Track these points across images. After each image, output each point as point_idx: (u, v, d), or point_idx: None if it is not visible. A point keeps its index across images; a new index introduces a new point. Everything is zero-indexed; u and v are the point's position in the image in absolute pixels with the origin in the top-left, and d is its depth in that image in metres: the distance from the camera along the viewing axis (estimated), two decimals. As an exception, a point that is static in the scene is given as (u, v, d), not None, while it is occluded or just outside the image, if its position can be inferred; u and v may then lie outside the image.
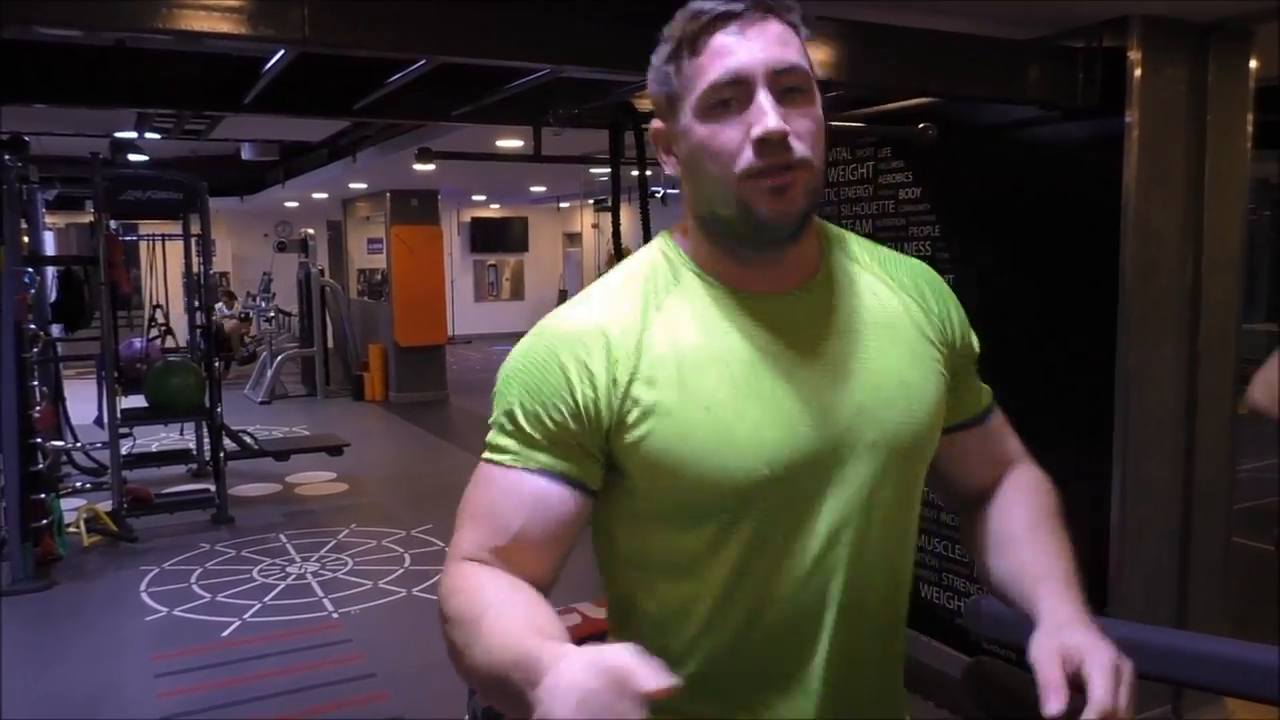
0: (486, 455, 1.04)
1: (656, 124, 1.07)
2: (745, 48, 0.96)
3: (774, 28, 0.98)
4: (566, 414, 0.99)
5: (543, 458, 1.00)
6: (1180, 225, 3.02)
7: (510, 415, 1.02)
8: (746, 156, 0.96)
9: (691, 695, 1.02)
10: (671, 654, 1.02)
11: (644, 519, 1.04)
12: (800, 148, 0.97)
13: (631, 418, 0.99)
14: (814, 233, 1.09)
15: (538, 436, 1.00)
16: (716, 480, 0.98)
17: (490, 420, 1.05)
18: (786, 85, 0.97)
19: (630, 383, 0.99)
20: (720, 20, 0.97)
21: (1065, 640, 0.94)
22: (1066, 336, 3.10)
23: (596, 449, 1.01)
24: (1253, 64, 3.07)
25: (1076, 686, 0.91)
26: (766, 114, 0.95)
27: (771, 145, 0.95)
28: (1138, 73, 2.87)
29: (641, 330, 1.01)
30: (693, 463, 0.98)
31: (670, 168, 1.07)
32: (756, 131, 0.95)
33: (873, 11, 2.62)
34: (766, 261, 1.04)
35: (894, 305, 1.10)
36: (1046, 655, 0.93)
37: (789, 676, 1.04)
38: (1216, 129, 3.03)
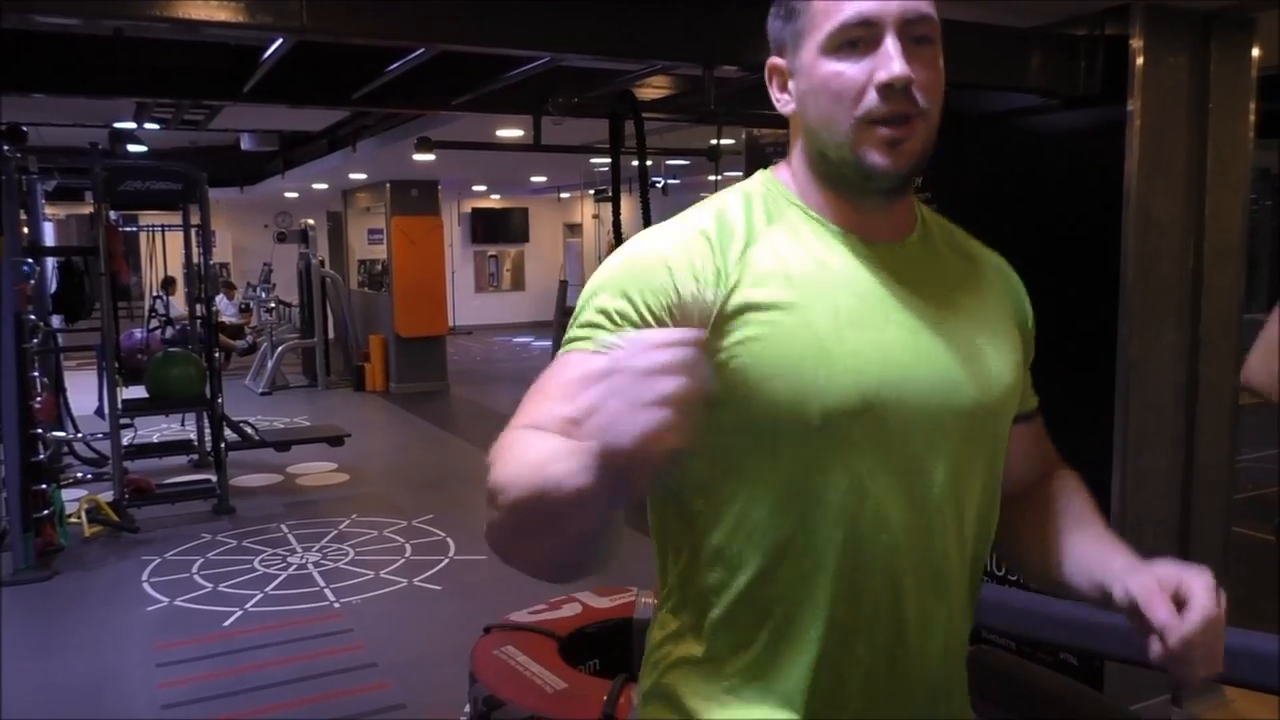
0: (567, 345, 0.99)
1: (774, 60, 1.05)
2: None
3: None
4: (665, 306, 0.95)
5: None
6: (1182, 214, 3.01)
7: (600, 306, 0.98)
8: (870, 99, 0.95)
9: (758, 628, 1.00)
10: (733, 588, 1.00)
11: (726, 434, 0.97)
12: (923, 99, 0.96)
13: (733, 321, 0.96)
14: (910, 196, 1.09)
15: (630, 324, 0.95)
16: (807, 398, 0.95)
17: (575, 313, 1.01)
18: (916, 34, 0.96)
19: (735, 287, 0.97)
20: None
21: (1160, 570, 0.94)
22: (1068, 325, 3.10)
23: None
24: (1255, 52, 3.06)
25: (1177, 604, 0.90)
26: (894, 59, 0.94)
27: (896, 92, 0.94)
28: (1140, 61, 2.86)
29: (746, 245, 1.00)
30: (788, 375, 0.95)
31: (783, 106, 1.05)
32: (882, 76, 0.94)
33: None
34: (869, 209, 1.03)
35: (982, 280, 1.12)
36: (1142, 580, 0.94)
37: (869, 621, 1.00)
38: (1218, 117, 3.02)
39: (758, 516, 0.99)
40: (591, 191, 13.78)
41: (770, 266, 0.99)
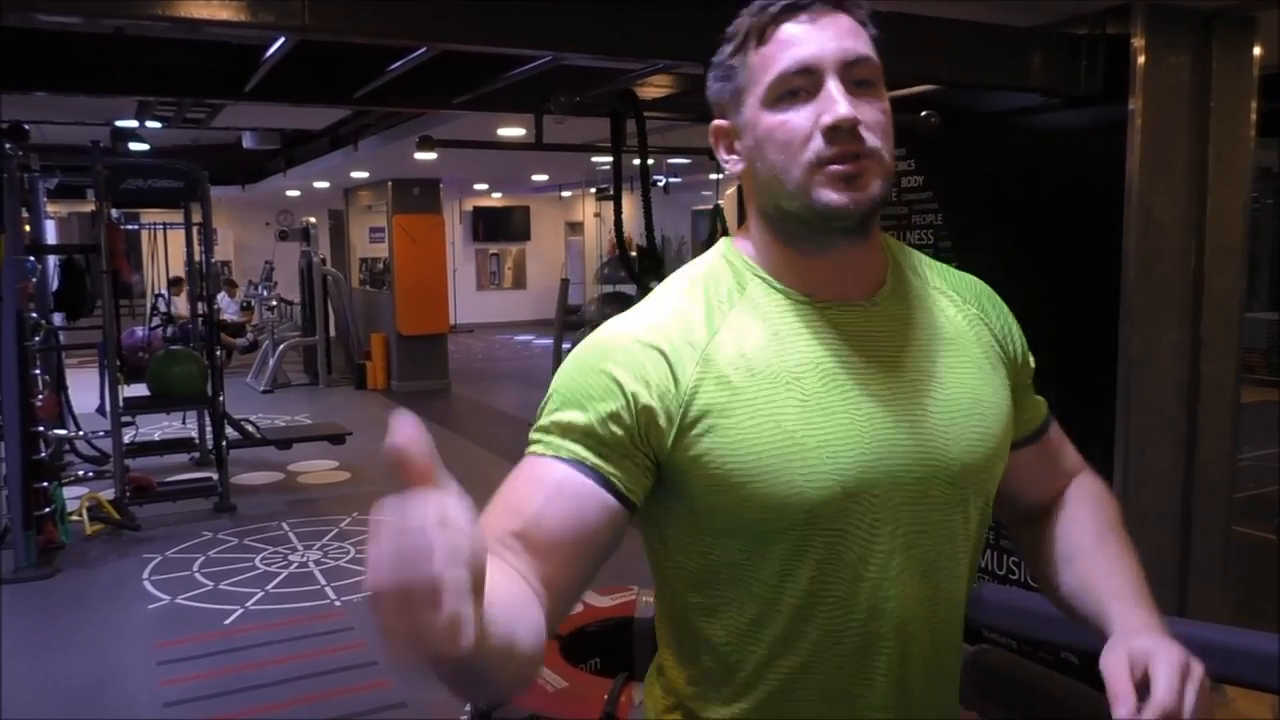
0: (528, 449, 0.99)
1: (717, 122, 1.05)
2: (815, 37, 0.94)
3: (844, 20, 0.96)
4: (609, 413, 0.95)
5: (575, 448, 0.95)
6: (1183, 213, 3.01)
7: (552, 415, 0.97)
8: (816, 144, 0.94)
9: (759, 717, 1.01)
10: (738, 679, 1.01)
11: (710, 538, 0.99)
12: (871, 138, 0.94)
13: (695, 428, 0.95)
14: (879, 242, 1.06)
15: (575, 430, 0.95)
16: (786, 497, 0.94)
17: (539, 417, 1.00)
18: (857, 78, 0.95)
19: (695, 392, 0.95)
20: (788, 11, 0.96)
21: (1133, 645, 0.93)
22: (1068, 324, 3.10)
23: (644, 458, 0.96)
24: (1256, 51, 3.06)
25: (1146, 689, 0.89)
26: (837, 101, 0.93)
27: (842, 134, 0.93)
28: (1141, 60, 2.86)
29: (708, 340, 0.98)
30: (761, 478, 0.94)
31: (731, 166, 1.04)
32: (826, 120, 0.93)
33: (874, -1, 2.61)
34: (834, 260, 1.01)
35: (960, 321, 1.08)
36: (1115, 660, 0.92)
37: (860, 696, 1.01)
38: (1220, 117, 3.01)
39: (753, 610, 0.99)
40: (593, 190, 13.77)
41: (733, 362, 0.97)
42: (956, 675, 1.10)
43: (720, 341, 0.98)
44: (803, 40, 0.94)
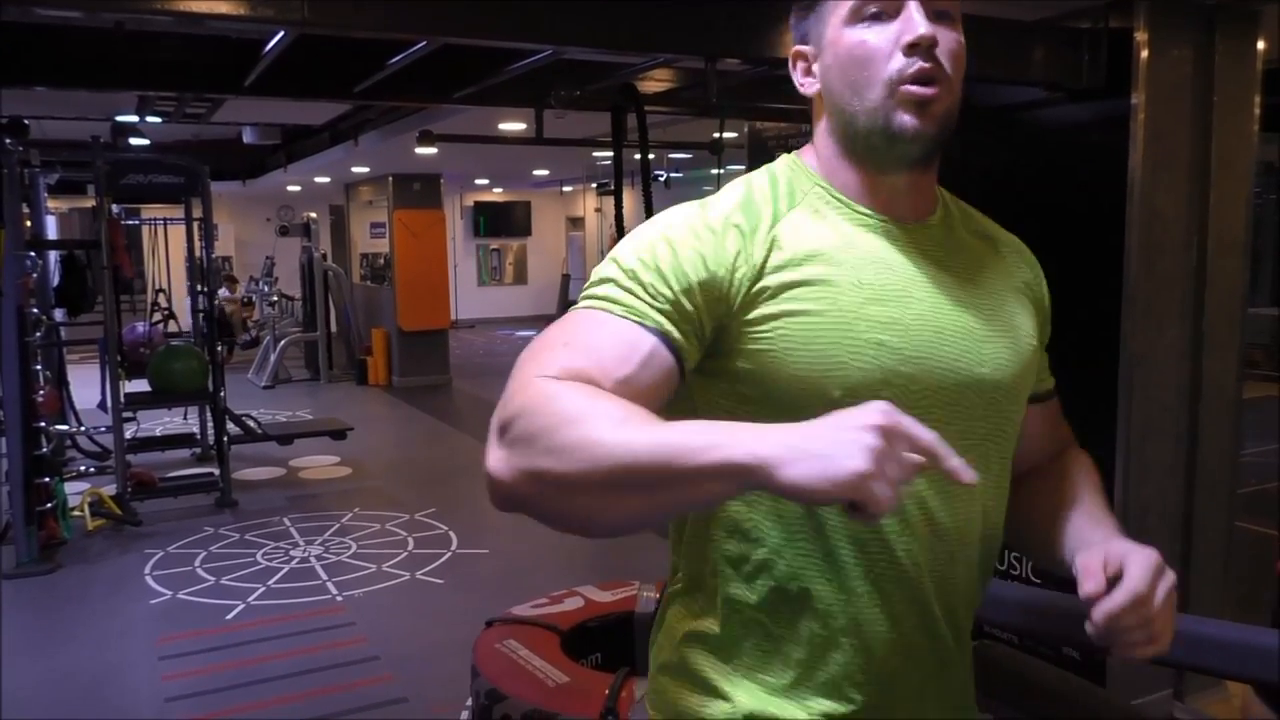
0: (592, 301, 0.97)
1: (798, 46, 1.08)
2: None
3: None
4: (695, 283, 0.96)
5: (662, 320, 0.94)
6: (1185, 208, 3.00)
7: (630, 270, 0.97)
8: (896, 62, 0.97)
9: (774, 606, 1.00)
10: (757, 558, 1.01)
11: (747, 408, 0.98)
12: (947, 64, 0.98)
13: (759, 301, 0.97)
14: (934, 178, 1.11)
15: (661, 297, 0.95)
16: (828, 372, 0.96)
17: (596, 278, 0.99)
18: (938, 9, 0.99)
19: (762, 266, 0.98)
20: None
21: (1110, 547, 0.97)
22: (1071, 319, 3.08)
23: (708, 329, 0.97)
24: (1260, 45, 3.05)
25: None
26: (918, 23, 0.96)
27: (921, 50, 0.97)
28: (1144, 54, 2.85)
29: (773, 224, 1.01)
30: (812, 349, 0.96)
31: (807, 89, 1.07)
32: (907, 37, 0.96)
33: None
34: (892, 185, 1.05)
35: (1002, 262, 1.14)
36: (1091, 554, 0.96)
37: (883, 589, 1.00)
38: (1223, 111, 3.01)
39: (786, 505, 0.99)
40: (594, 185, 13.77)
41: (795, 246, 1.00)
42: (977, 597, 1.10)
43: (784, 229, 1.01)
44: None
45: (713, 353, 0.99)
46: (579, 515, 0.88)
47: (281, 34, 2.59)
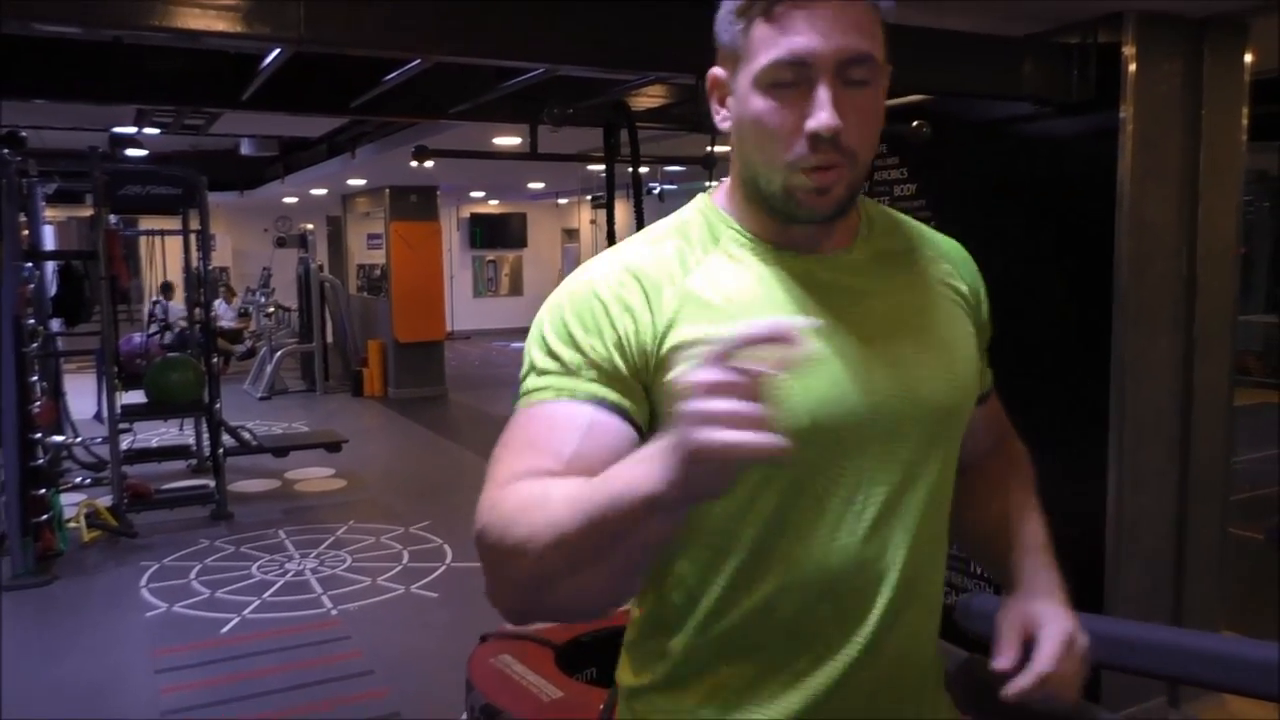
0: (526, 398, 0.98)
1: (715, 71, 1.02)
2: (818, 28, 0.91)
3: (853, 7, 0.93)
4: (609, 344, 0.96)
5: (591, 387, 0.95)
6: (1175, 217, 3.03)
7: (551, 352, 0.98)
8: (799, 148, 0.94)
9: (722, 654, 1.01)
10: (701, 611, 1.01)
11: None
12: (852, 142, 0.95)
13: (674, 358, 0.95)
14: (854, 206, 1.07)
15: (583, 367, 0.96)
16: None
17: (524, 370, 1.00)
18: (853, 78, 0.94)
19: (671, 324, 0.97)
20: None
21: (1029, 608, 1.05)
22: (1064, 328, 3.11)
23: (640, 383, 0.97)
24: (1248, 57, 3.08)
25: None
26: (824, 109, 0.92)
27: (823, 141, 0.93)
28: (1132, 68, 2.88)
29: (682, 276, 1.00)
30: None
31: (720, 120, 1.03)
32: (810, 125, 0.93)
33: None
34: (805, 230, 1.03)
35: (934, 273, 1.11)
36: (1010, 618, 1.04)
37: (822, 637, 1.01)
38: (1211, 122, 3.03)
39: (717, 541, 1.00)
40: (589, 197, 13.80)
41: (708, 297, 0.99)
42: (933, 637, 1.11)
43: (696, 279, 1.00)
44: (804, 29, 0.92)
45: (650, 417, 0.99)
46: (575, 601, 0.89)
47: (278, 50, 2.62)
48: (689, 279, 1.00)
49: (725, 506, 0.98)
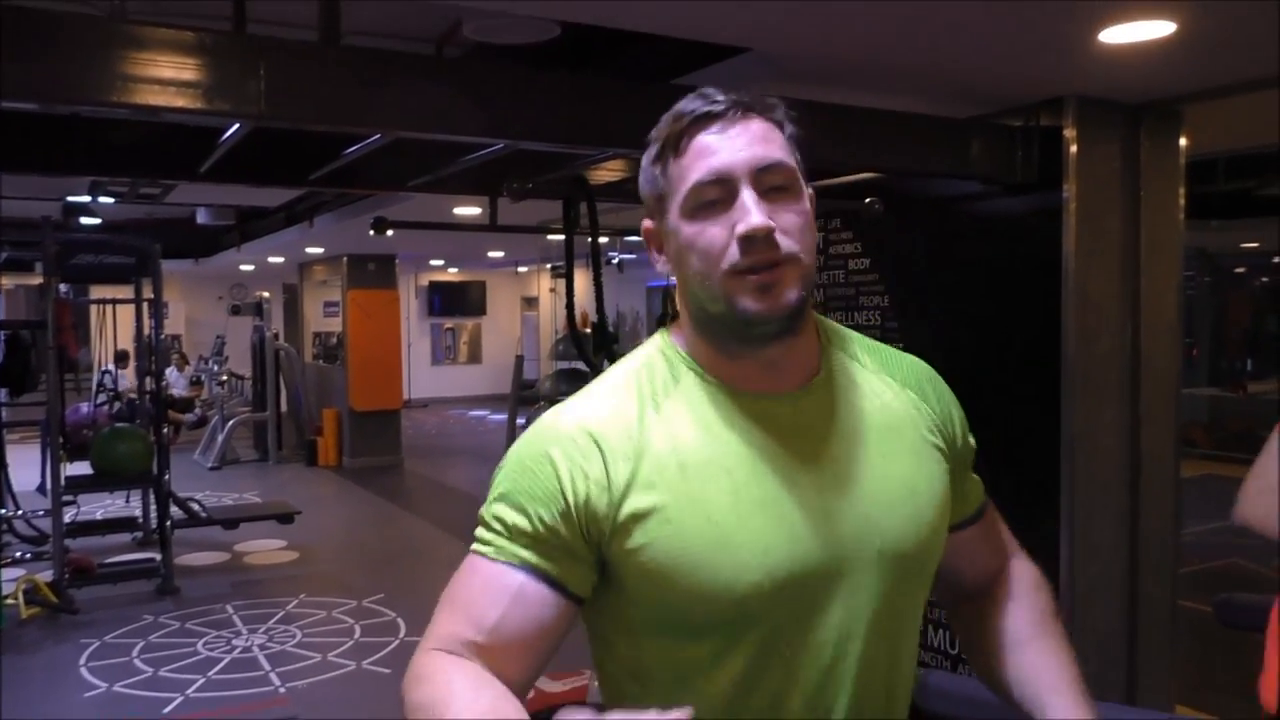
0: (474, 546, 1.02)
1: (647, 223, 1.07)
2: (728, 146, 0.97)
3: (756, 126, 0.98)
4: (556, 514, 0.97)
5: (526, 555, 0.98)
6: (1119, 292, 3.11)
7: (498, 511, 1.00)
8: (732, 254, 0.96)
9: None
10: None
11: (643, 630, 1.01)
12: (787, 243, 0.96)
13: (629, 524, 0.97)
14: (813, 331, 1.08)
15: (523, 534, 0.98)
16: (717, 592, 0.95)
17: (483, 507, 1.03)
18: (771, 184, 0.97)
19: (628, 488, 0.97)
20: (702, 120, 0.98)
21: None
22: (1012, 402, 3.17)
23: (588, 553, 0.98)
24: (1183, 140, 3.21)
25: None
26: (750, 211, 0.95)
27: (757, 242, 0.95)
28: (1073, 149, 2.98)
29: (640, 432, 1.00)
30: (692, 573, 0.95)
31: (661, 265, 1.06)
32: (741, 229, 0.95)
33: (820, 91, 2.71)
34: (763, 359, 1.02)
35: (897, 406, 1.09)
36: None
37: None
38: (1150, 202, 3.15)
39: (686, 700, 0.98)
40: (549, 266, 13.88)
41: (663, 456, 0.99)
42: None
43: (653, 437, 1.00)
44: (715, 150, 0.97)
45: (606, 581, 1.01)
46: None
47: (237, 125, 2.63)
48: (646, 435, 1.00)
49: (692, 667, 0.99)
